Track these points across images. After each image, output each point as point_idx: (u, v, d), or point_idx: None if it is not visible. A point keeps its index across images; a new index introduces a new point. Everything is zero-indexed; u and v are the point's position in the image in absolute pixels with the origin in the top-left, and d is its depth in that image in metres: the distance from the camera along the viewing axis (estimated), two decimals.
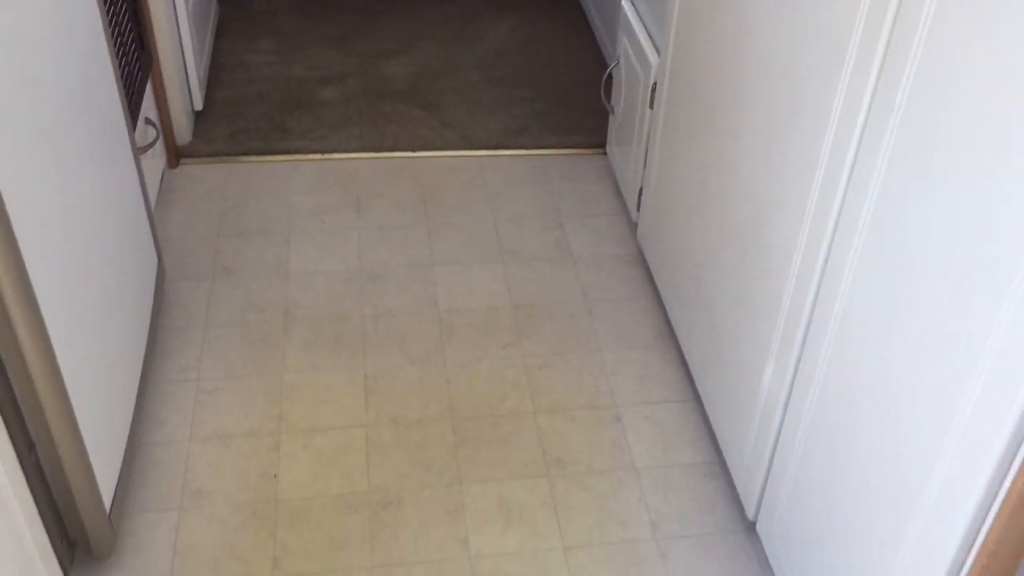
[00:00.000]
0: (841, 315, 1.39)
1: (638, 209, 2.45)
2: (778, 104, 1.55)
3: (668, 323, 2.29)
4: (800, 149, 1.47)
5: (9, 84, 1.38)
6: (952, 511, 1.14)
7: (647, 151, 2.32)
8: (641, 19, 2.38)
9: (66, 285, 1.56)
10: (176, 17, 2.66)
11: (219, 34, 3.31)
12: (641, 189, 2.41)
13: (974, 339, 1.07)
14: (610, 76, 2.63)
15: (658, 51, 2.22)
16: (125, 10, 2.24)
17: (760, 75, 1.62)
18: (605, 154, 2.83)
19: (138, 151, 2.18)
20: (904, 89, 1.18)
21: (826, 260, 1.42)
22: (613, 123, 2.66)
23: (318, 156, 2.79)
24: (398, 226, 2.57)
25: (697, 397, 2.11)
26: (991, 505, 1.08)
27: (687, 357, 2.10)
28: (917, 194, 1.17)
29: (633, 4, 2.45)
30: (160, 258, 2.26)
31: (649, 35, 2.31)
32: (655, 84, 2.23)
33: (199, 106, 2.87)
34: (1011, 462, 1.04)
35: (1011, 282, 0.99)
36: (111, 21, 2.08)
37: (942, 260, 1.12)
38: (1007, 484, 1.05)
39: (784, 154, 1.54)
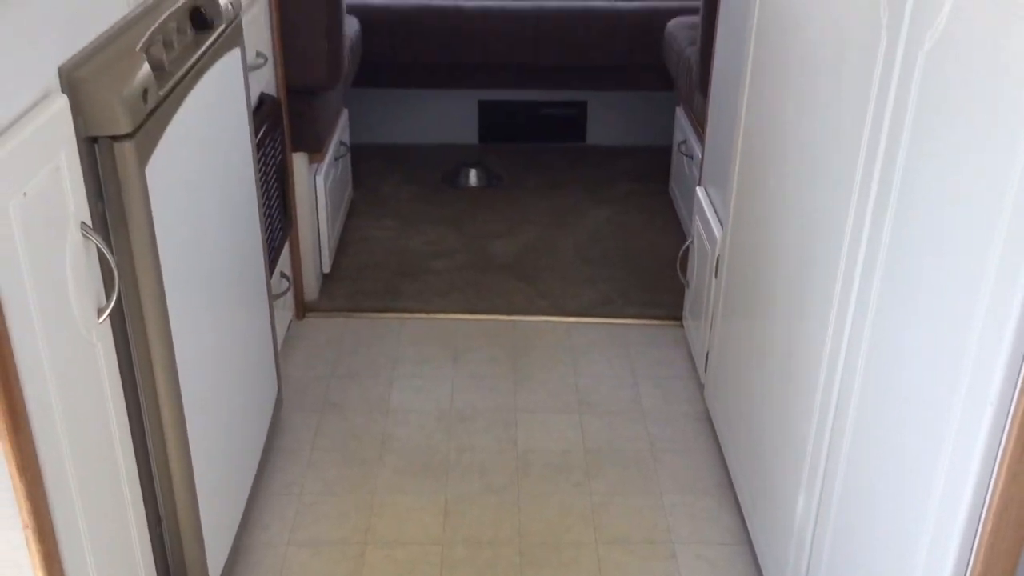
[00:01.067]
0: (848, 450, 1.59)
1: (705, 371, 2.69)
2: (795, 272, 1.82)
3: (728, 474, 2.47)
4: (812, 315, 1.73)
5: (191, 238, 1.77)
6: None
7: (712, 317, 2.59)
8: (711, 200, 2.71)
9: (206, 402, 1.90)
10: (316, 194, 3.14)
11: (351, 212, 3.80)
12: (708, 352, 2.66)
13: (957, 469, 1.28)
14: (686, 253, 2.94)
15: (723, 226, 2.53)
16: (276, 184, 2.70)
17: (788, 247, 1.90)
18: (681, 326, 3.10)
19: (272, 298, 2.57)
20: (885, 252, 1.44)
21: (837, 399, 1.64)
22: (688, 296, 2.95)
23: (424, 315, 3.16)
24: (488, 376, 2.87)
25: (749, 541, 2.27)
26: None
27: (741, 503, 2.28)
28: (903, 346, 1.41)
29: (705, 188, 2.79)
30: (280, 391, 2.60)
31: (716, 214, 2.62)
32: (719, 256, 2.52)
33: (327, 269, 3.30)
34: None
35: (988, 391, 1.20)
36: (263, 192, 2.53)
37: (921, 407, 1.35)
38: None
39: (802, 319, 1.79)
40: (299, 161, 3.00)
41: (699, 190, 2.83)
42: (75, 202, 1.39)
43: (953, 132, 1.23)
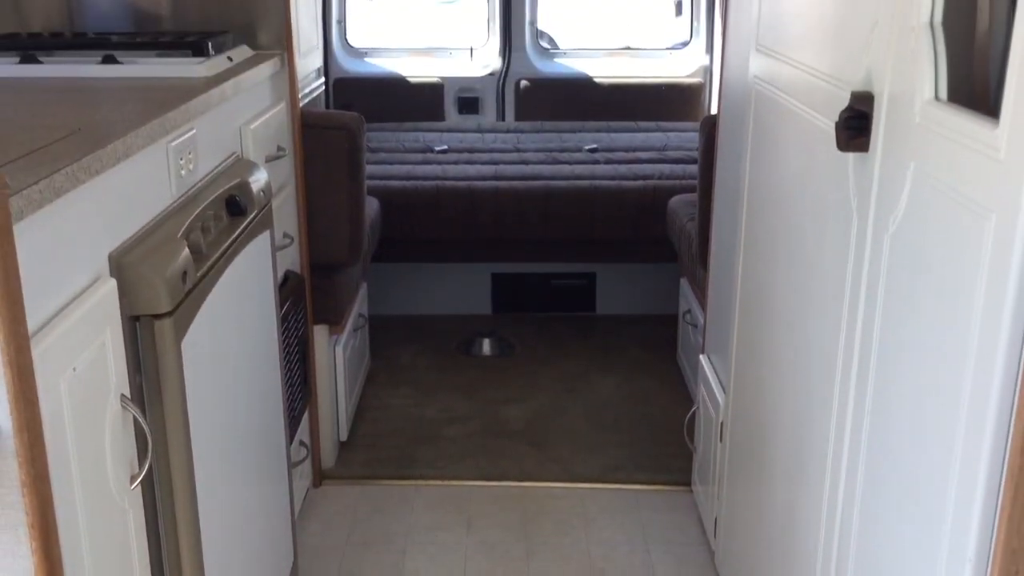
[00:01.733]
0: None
1: (715, 536, 2.72)
2: (792, 436, 1.91)
3: None
4: (809, 479, 1.80)
5: (219, 408, 1.89)
6: None
7: (719, 482, 2.65)
8: (714, 367, 2.81)
9: (225, 569, 1.96)
10: (335, 364, 3.27)
11: (369, 380, 3.91)
12: (717, 518, 2.70)
13: None
14: (693, 419, 3.02)
15: (725, 393, 2.62)
16: (297, 355, 2.84)
17: (784, 412, 2.00)
18: (691, 491, 3.15)
19: (291, 466, 2.66)
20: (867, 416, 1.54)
21: (836, 566, 1.70)
22: (696, 462, 3.01)
23: (439, 482, 3.22)
24: (501, 543, 2.90)
25: None
26: None
27: None
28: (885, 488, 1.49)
29: (708, 356, 2.90)
30: (296, 559, 2.65)
31: (719, 380, 2.72)
32: (723, 422, 2.61)
33: (344, 437, 3.39)
34: None
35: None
36: (285, 363, 2.65)
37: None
38: None
39: (801, 484, 1.87)
40: (320, 333, 3.15)
41: (703, 358, 2.94)
42: (116, 375, 1.51)
43: (922, 309, 1.35)
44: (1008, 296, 1.10)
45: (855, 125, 1.55)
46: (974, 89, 1.43)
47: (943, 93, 1.33)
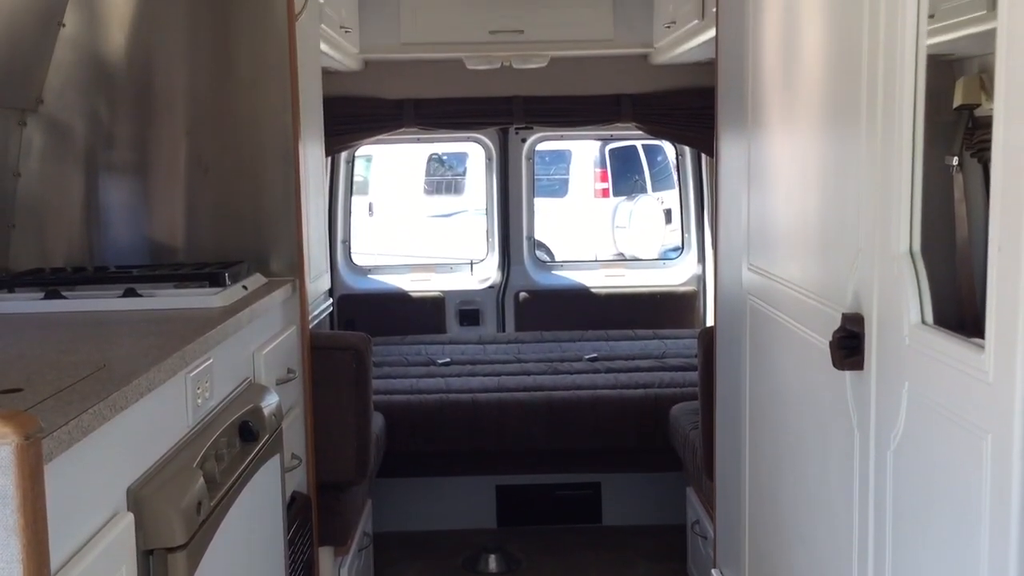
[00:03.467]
0: None
1: None
2: None
3: None
4: None
5: None
6: None
7: None
8: None
9: None
10: None
11: None
12: None
13: None
14: None
15: None
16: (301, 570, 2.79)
17: None
18: None
19: None
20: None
21: None
22: None
23: None
24: None
25: None
26: None
27: None
28: None
29: (720, 570, 2.85)
30: None
31: None
32: None
33: None
34: None
35: None
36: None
37: None
38: None
39: None
40: (325, 555, 3.10)
41: (715, 572, 2.89)
42: None
43: (932, 529, 1.37)
44: (1012, 518, 1.13)
45: (848, 344, 1.62)
46: (959, 309, 1.51)
47: (929, 317, 1.41)
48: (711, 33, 3.15)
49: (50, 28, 2.73)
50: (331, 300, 3.81)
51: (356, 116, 4.93)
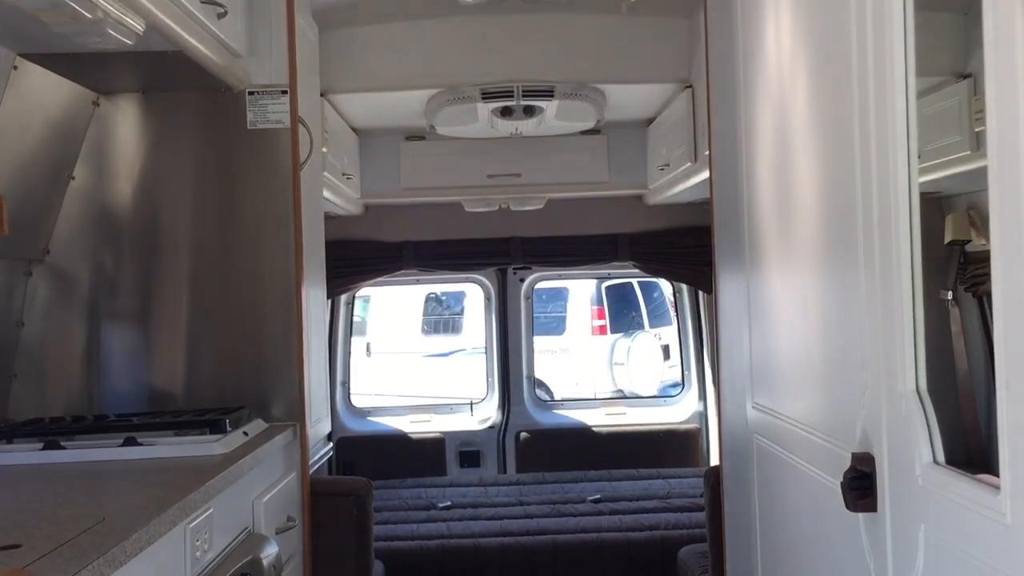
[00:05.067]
0: None
1: None
2: None
3: None
4: None
5: None
6: None
7: None
8: None
9: None
10: None
11: None
12: None
13: None
14: None
15: None
16: None
17: None
18: None
19: None
20: None
21: None
22: None
23: None
24: None
25: None
26: None
27: None
28: None
29: None
30: None
31: None
32: None
33: None
34: None
35: None
36: None
37: None
38: None
39: None
40: None
41: None
42: None
43: None
44: None
45: (860, 485, 1.60)
46: (966, 444, 1.50)
47: (940, 456, 1.39)
48: (705, 174, 3.24)
49: (60, 181, 2.80)
50: (331, 444, 3.77)
51: (357, 259, 5.00)
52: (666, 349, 8.86)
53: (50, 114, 2.70)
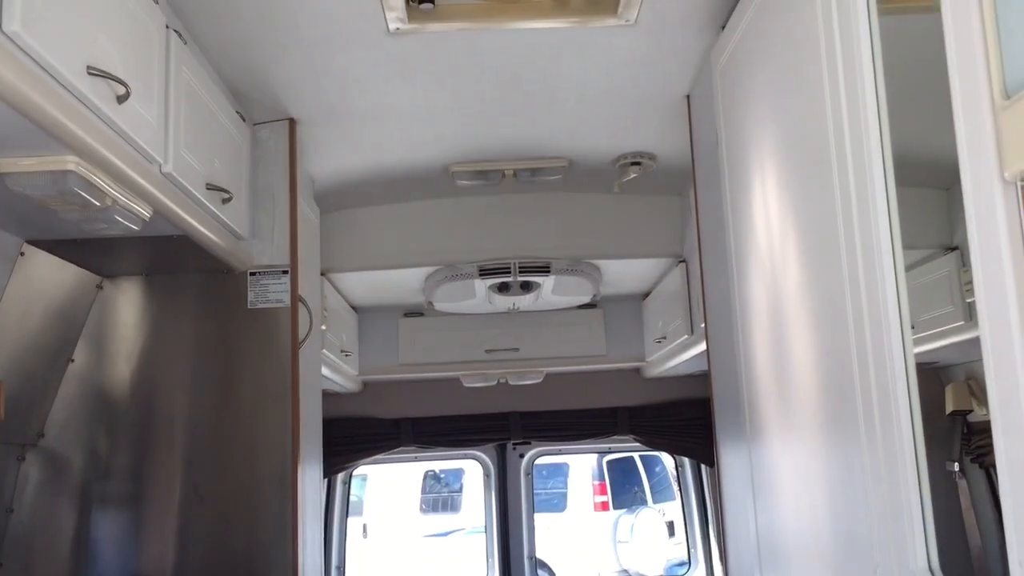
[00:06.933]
0: None
1: None
2: None
3: None
4: None
5: None
6: None
7: None
8: None
9: None
10: None
11: None
12: None
13: None
14: None
15: None
16: None
17: None
18: None
19: None
20: None
21: None
22: None
23: None
24: None
25: None
26: None
27: None
28: None
29: None
30: None
31: None
32: None
33: None
34: None
35: None
36: None
37: None
38: None
39: None
40: None
41: None
42: None
43: None
44: None
45: None
46: None
47: None
48: (702, 347, 3.25)
49: (60, 364, 2.80)
50: None
51: (354, 437, 4.95)
52: (671, 526, 8.64)
53: (53, 298, 2.73)
